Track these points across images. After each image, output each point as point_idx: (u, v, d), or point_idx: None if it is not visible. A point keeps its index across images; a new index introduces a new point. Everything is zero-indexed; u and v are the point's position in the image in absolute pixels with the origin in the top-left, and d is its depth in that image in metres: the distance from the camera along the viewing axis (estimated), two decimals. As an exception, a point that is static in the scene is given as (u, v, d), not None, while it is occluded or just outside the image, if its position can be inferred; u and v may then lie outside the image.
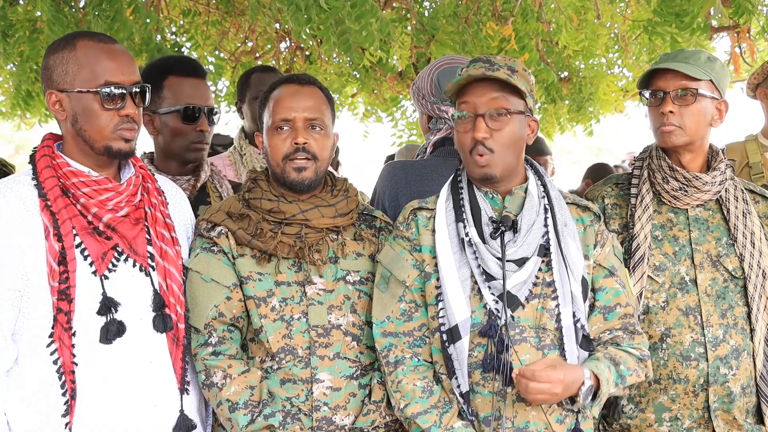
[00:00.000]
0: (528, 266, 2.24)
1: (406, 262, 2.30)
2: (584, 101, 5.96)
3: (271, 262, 2.32)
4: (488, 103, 2.24)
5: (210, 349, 2.27)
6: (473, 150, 2.25)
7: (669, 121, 2.53)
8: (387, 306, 2.29)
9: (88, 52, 2.17)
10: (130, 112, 2.18)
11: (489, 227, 2.26)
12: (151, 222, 2.26)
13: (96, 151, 2.19)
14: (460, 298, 2.21)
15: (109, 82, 2.16)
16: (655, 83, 2.57)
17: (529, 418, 2.22)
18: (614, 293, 2.34)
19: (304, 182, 2.33)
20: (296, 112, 2.33)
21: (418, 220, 2.34)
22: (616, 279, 2.36)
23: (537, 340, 2.25)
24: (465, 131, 2.27)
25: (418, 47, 5.28)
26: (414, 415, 2.21)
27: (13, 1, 4.73)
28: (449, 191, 2.35)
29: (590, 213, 2.41)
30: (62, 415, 2.11)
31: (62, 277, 2.10)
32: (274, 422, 2.22)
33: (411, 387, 2.23)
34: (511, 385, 2.19)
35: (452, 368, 2.22)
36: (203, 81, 2.88)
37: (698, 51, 2.60)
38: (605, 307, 2.33)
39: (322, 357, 2.29)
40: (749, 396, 2.57)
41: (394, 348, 2.27)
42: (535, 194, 2.33)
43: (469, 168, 2.30)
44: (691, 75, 2.51)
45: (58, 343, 2.10)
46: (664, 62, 2.58)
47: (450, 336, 2.22)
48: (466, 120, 2.27)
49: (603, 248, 2.38)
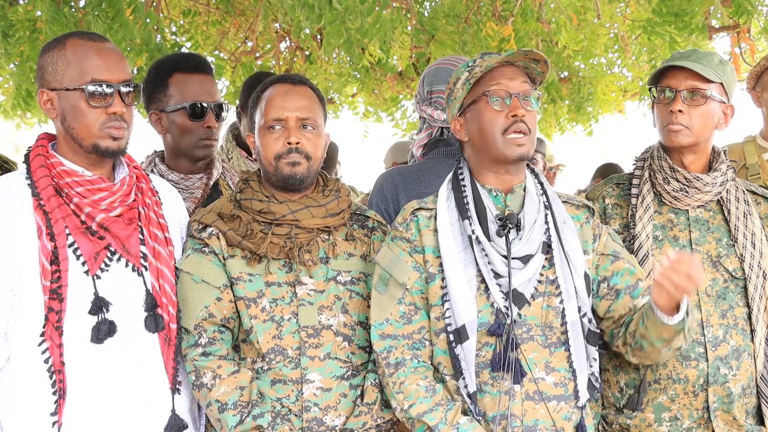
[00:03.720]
0: (533, 263, 2.25)
1: (406, 264, 2.29)
2: (584, 101, 5.96)
3: (262, 263, 2.32)
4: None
5: (200, 349, 2.27)
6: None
7: (677, 120, 2.53)
8: (386, 308, 2.28)
9: (76, 51, 2.18)
10: (117, 110, 2.17)
11: (495, 225, 2.26)
12: (145, 222, 2.26)
13: (85, 150, 2.19)
14: (467, 297, 2.21)
15: (95, 79, 2.16)
16: (666, 81, 2.57)
17: (538, 416, 2.22)
18: (629, 272, 2.36)
19: (296, 176, 2.32)
20: (289, 111, 2.34)
21: (418, 220, 2.32)
22: (625, 260, 2.38)
23: (543, 338, 2.25)
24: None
25: (418, 47, 5.29)
26: (420, 414, 2.20)
27: (13, 1, 4.74)
28: (450, 190, 2.34)
29: (584, 209, 2.42)
30: (51, 414, 2.11)
31: (54, 277, 2.11)
32: (262, 423, 2.22)
33: (414, 387, 2.22)
34: (520, 384, 2.20)
35: (459, 369, 2.21)
36: (209, 77, 2.87)
37: (711, 53, 2.59)
38: (628, 287, 2.34)
39: (313, 357, 2.29)
40: (749, 396, 2.56)
41: (394, 350, 2.26)
42: (534, 192, 2.33)
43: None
44: (704, 76, 2.51)
45: (49, 342, 2.11)
46: (677, 60, 2.57)
47: (457, 336, 2.21)
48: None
49: (601, 239, 2.39)
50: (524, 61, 2.29)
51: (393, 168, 2.94)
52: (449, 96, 2.37)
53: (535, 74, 2.33)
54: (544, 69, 2.31)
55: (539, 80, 2.35)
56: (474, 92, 2.30)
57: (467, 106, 2.32)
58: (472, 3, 4.86)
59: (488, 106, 2.27)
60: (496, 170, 2.32)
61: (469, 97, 2.31)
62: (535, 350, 2.24)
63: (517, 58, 2.28)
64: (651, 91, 2.62)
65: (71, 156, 2.21)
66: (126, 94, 2.20)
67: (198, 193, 2.80)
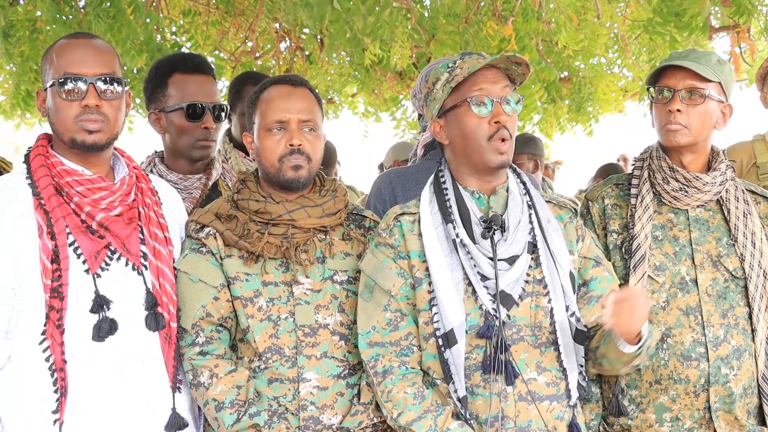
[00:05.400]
0: (519, 264, 2.24)
1: (390, 271, 2.27)
2: (584, 101, 5.97)
3: (259, 263, 2.32)
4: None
5: (197, 348, 2.28)
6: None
7: (675, 120, 2.52)
8: (372, 316, 2.27)
9: (58, 50, 2.22)
10: (90, 103, 2.17)
11: (479, 227, 2.25)
12: (145, 221, 2.27)
13: (67, 145, 2.20)
14: (454, 301, 2.20)
15: (67, 72, 2.17)
16: (664, 80, 2.56)
17: (531, 417, 2.22)
18: (607, 281, 2.37)
19: (299, 180, 2.33)
20: (290, 113, 2.33)
21: (402, 225, 2.30)
22: (604, 268, 2.39)
23: (533, 338, 2.25)
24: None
25: (418, 47, 5.29)
26: (409, 423, 2.19)
27: (14, 1, 4.75)
28: (432, 193, 2.33)
29: (567, 210, 2.42)
30: (53, 412, 2.12)
31: (55, 275, 2.12)
32: (259, 421, 2.22)
33: (402, 395, 2.21)
34: (513, 385, 2.19)
35: (449, 373, 2.21)
36: (209, 77, 2.87)
37: (709, 52, 2.58)
38: (602, 296, 2.33)
39: (309, 356, 2.29)
40: (751, 397, 2.55)
41: (381, 358, 2.25)
42: (517, 192, 2.33)
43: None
44: (702, 75, 2.50)
45: (50, 341, 2.11)
46: (675, 59, 2.57)
47: (446, 340, 2.20)
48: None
49: (584, 241, 2.40)
50: (506, 63, 2.27)
51: (390, 170, 2.94)
52: (428, 96, 2.34)
53: (515, 76, 2.31)
54: (526, 71, 2.29)
55: (519, 81, 2.33)
56: (455, 96, 2.28)
57: (448, 110, 2.30)
58: (473, 3, 4.86)
59: (470, 112, 2.25)
60: (477, 175, 2.32)
61: (450, 101, 2.29)
62: (525, 351, 2.23)
63: (499, 62, 2.27)
64: (649, 91, 2.62)
65: (64, 154, 2.22)
66: (105, 89, 2.19)
67: (197, 194, 2.80)
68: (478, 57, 2.30)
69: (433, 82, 2.32)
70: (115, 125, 2.22)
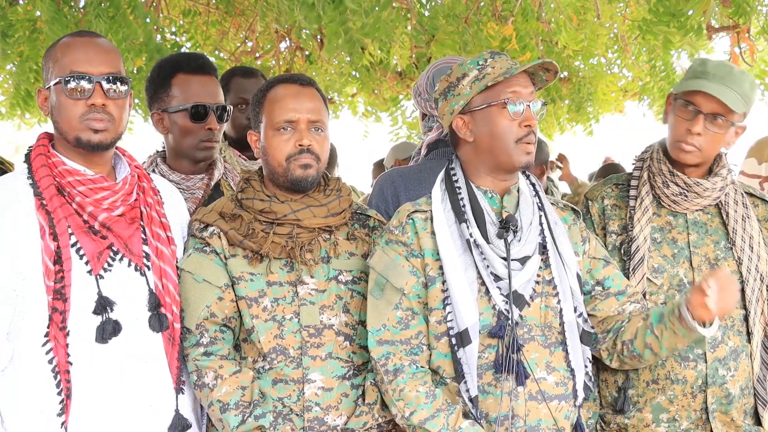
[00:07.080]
0: (531, 264, 2.25)
1: (403, 269, 2.27)
2: (584, 101, 5.97)
3: (263, 263, 2.31)
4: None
5: (201, 349, 2.27)
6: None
7: (692, 141, 2.49)
8: (383, 314, 2.27)
9: (63, 48, 2.20)
10: (97, 102, 2.16)
11: (493, 227, 2.26)
12: (147, 221, 2.26)
13: (71, 144, 2.19)
14: (468, 301, 2.20)
15: (74, 71, 2.16)
16: (693, 96, 2.49)
17: (540, 416, 2.23)
18: (619, 278, 2.42)
19: (308, 179, 2.32)
20: (300, 113, 2.33)
21: (414, 223, 2.30)
22: (614, 266, 2.44)
23: (543, 338, 2.26)
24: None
25: (418, 47, 5.29)
26: (421, 422, 2.19)
27: (13, 1, 4.74)
28: (444, 191, 2.33)
29: (570, 212, 2.44)
30: (58, 414, 2.11)
31: (57, 277, 2.11)
32: (264, 423, 2.22)
33: (414, 394, 2.21)
34: (523, 385, 2.20)
35: (461, 372, 2.21)
36: (212, 78, 2.85)
37: (744, 74, 2.51)
38: (618, 292, 2.40)
39: (314, 357, 2.29)
40: (747, 397, 2.56)
41: (392, 356, 2.24)
42: (528, 193, 2.34)
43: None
44: (731, 108, 2.45)
45: (53, 343, 2.10)
46: (710, 78, 2.48)
47: (459, 340, 2.20)
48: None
49: (590, 242, 2.42)
50: (536, 68, 2.30)
51: (393, 169, 2.93)
52: (449, 90, 2.33)
53: (538, 81, 2.34)
54: (551, 78, 2.33)
55: (540, 86, 2.36)
56: (487, 94, 2.28)
57: (477, 108, 2.29)
58: (472, 3, 4.86)
59: (505, 113, 2.26)
60: (496, 174, 2.32)
61: (480, 98, 2.29)
62: (536, 350, 2.25)
63: (536, 69, 2.30)
64: (675, 97, 2.56)
65: (66, 154, 2.21)
66: (111, 88, 2.18)
67: (199, 194, 2.80)
68: (507, 58, 2.31)
69: (458, 77, 2.31)
70: (119, 125, 2.22)
